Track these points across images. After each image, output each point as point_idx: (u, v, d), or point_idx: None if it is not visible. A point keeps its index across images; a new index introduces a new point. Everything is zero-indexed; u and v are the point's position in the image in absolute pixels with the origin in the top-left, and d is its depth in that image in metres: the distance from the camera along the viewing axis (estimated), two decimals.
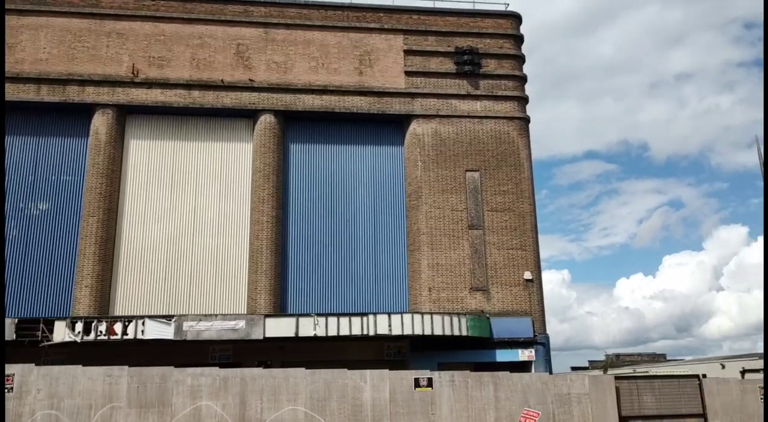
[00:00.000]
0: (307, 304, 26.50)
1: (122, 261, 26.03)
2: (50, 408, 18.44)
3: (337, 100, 28.20)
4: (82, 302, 24.57)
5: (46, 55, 26.92)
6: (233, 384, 19.39)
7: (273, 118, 27.67)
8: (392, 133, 29.07)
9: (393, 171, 28.72)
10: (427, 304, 26.17)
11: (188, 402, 19.03)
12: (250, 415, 19.11)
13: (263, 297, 25.68)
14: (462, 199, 27.75)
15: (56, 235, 25.90)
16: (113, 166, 26.50)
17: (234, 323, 22.89)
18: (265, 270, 26.02)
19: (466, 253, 27.12)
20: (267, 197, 26.85)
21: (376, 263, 27.58)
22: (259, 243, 26.35)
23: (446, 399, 20.01)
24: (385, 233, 28.01)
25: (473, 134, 28.56)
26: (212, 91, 27.51)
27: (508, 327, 26.14)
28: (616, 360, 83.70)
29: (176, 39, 27.93)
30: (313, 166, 28.31)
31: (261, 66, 28.12)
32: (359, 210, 28.04)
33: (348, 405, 19.55)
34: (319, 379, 19.79)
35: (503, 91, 29.28)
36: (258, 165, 27.25)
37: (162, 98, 27.17)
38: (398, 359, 25.21)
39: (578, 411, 20.29)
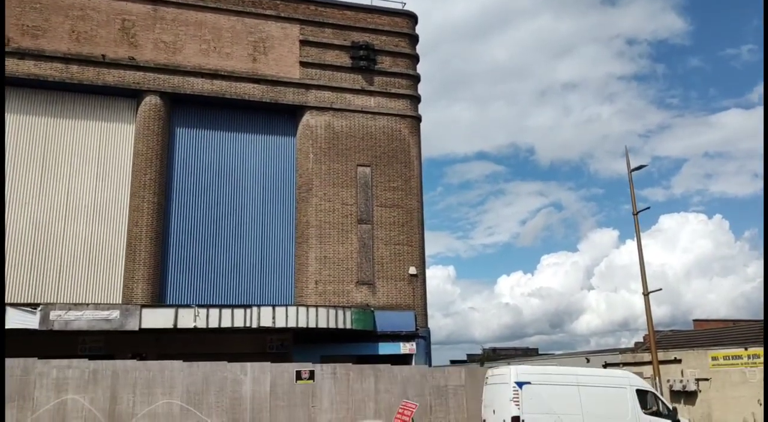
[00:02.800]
0: (188, 295, 25.65)
1: None
2: None
3: (228, 85, 27.43)
4: None
5: None
6: (104, 377, 18.48)
7: (159, 99, 26.47)
8: (285, 124, 28.71)
9: (284, 162, 28.38)
10: (313, 297, 26.14)
11: (52, 395, 17.92)
12: (121, 409, 18.29)
13: (140, 287, 24.56)
14: (352, 193, 27.93)
15: None
16: None
17: (107, 313, 21.75)
18: (144, 259, 24.89)
19: (354, 247, 27.34)
20: (148, 182, 25.67)
21: (263, 254, 27.17)
22: (138, 231, 25.16)
23: (327, 392, 20.14)
24: (274, 224, 27.65)
25: (366, 129, 28.81)
26: (93, 67, 25.88)
27: (391, 321, 26.65)
28: (493, 354, 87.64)
29: (54, 8, 25.99)
30: (200, 153, 27.38)
31: (148, 44, 26.80)
32: (247, 200, 27.48)
33: (227, 398, 19.20)
34: (197, 372, 19.29)
35: (397, 89, 29.74)
36: (140, 148, 25.97)
37: (36, 70, 25.22)
38: (281, 352, 24.99)
39: (454, 403, 21.11)
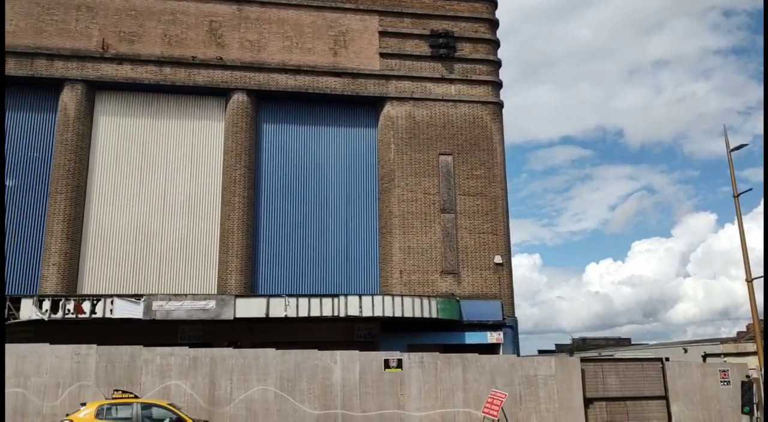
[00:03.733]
0: (278, 285, 26.49)
1: (90, 239, 25.67)
2: (17, 386, 18.26)
3: (310, 80, 27.99)
4: (50, 280, 24.21)
5: (13, 27, 26.17)
6: (203, 364, 19.41)
7: (245, 97, 27.38)
8: (366, 115, 29.00)
9: (366, 153, 28.70)
10: (398, 287, 26.37)
11: (157, 381, 19.01)
12: (220, 395, 19.16)
13: (234, 278, 25.59)
14: (435, 182, 27.89)
15: (23, 212, 25.41)
16: (82, 143, 26.02)
17: (204, 303, 22.82)
18: (236, 251, 25.91)
19: (437, 237, 27.33)
20: (238, 177, 26.65)
21: (347, 245, 27.64)
22: (230, 224, 26.20)
23: (415, 380, 20.29)
24: (358, 215, 28.05)
25: (447, 118, 28.65)
26: (184, 68, 27.09)
27: (477, 310, 26.50)
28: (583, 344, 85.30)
29: (147, 14, 27.37)
30: (285, 147, 28.14)
31: (234, 44, 27.75)
32: (331, 191, 28.01)
33: (318, 385, 19.72)
34: (290, 359, 19.90)
35: (477, 76, 29.37)
36: (230, 145, 26.99)
37: (132, 74, 26.68)
38: (368, 340, 25.41)
39: (544, 393, 20.76)
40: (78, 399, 18.36)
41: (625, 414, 21.03)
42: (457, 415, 20.15)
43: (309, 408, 19.43)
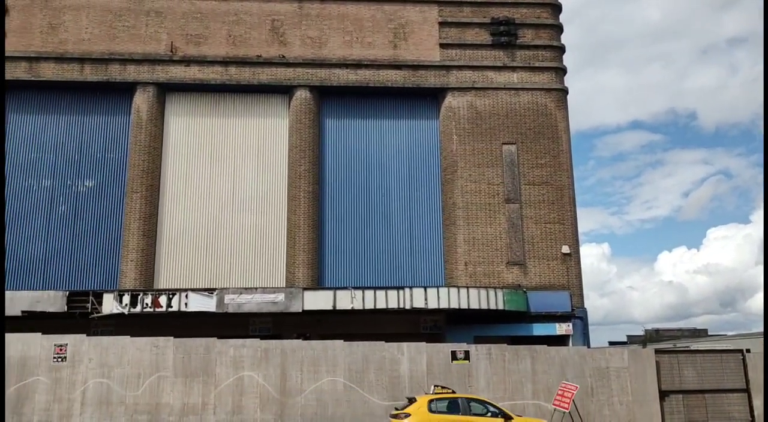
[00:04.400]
0: (343, 278, 26.86)
1: (165, 235, 26.73)
2: (101, 376, 19.25)
3: (371, 74, 28.14)
4: (129, 275, 25.39)
5: (88, 35, 27.47)
6: (274, 355, 19.91)
7: (308, 93, 27.80)
8: (427, 107, 28.92)
9: (428, 145, 28.64)
10: (464, 278, 26.26)
11: (231, 372, 19.63)
12: (291, 385, 19.62)
13: (301, 271, 26.11)
14: (498, 172, 27.57)
15: (102, 211, 26.71)
16: (154, 143, 27.08)
17: (273, 296, 23.39)
18: (303, 245, 26.41)
19: (502, 227, 27.04)
20: (303, 172, 27.12)
21: (411, 237, 27.71)
22: (296, 219, 26.72)
23: (483, 372, 20.19)
24: (421, 207, 28.06)
25: (510, 106, 28.24)
26: (248, 67, 27.74)
27: (545, 301, 26.09)
28: (656, 335, 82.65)
29: (212, 16, 28.15)
30: (348, 141, 28.43)
31: (296, 41, 28.19)
32: (394, 184, 28.12)
33: (386, 377, 19.90)
34: (357, 351, 20.16)
35: (540, 62, 28.79)
36: (294, 141, 27.50)
37: (200, 75, 27.53)
38: (434, 332, 25.45)
39: (617, 385, 20.27)
40: (157, 389, 19.20)
41: (703, 407, 20.27)
42: (526, 407, 19.93)
43: (378, 399, 19.65)
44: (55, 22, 27.45)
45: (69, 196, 26.70)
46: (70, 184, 26.81)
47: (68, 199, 26.66)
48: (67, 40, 27.32)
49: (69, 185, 26.79)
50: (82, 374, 19.25)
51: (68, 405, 19.01)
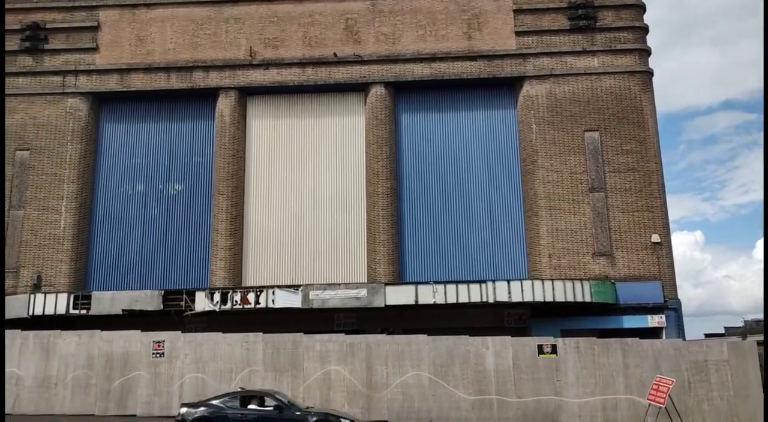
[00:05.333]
0: (424, 272, 26.84)
1: (251, 234, 27.60)
2: (196, 371, 20.15)
3: (446, 67, 27.93)
4: (218, 274, 26.40)
5: (173, 44, 28.70)
6: (359, 349, 20.19)
7: (383, 89, 27.92)
8: (504, 97, 28.42)
9: (506, 135, 28.14)
10: (548, 271, 25.67)
11: (318, 366, 20.08)
12: (377, 379, 19.84)
13: (382, 267, 26.30)
14: (581, 160, 26.74)
15: (192, 213, 27.89)
16: (238, 146, 27.99)
17: (356, 291, 23.69)
18: (383, 241, 26.58)
19: (587, 217, 26.22)
20: (381, 169, 27.28)
21: (492, 230, 27.34)
22: (375, 214, 26.93)
23: (572, 366, 19.70)
24: (501, 199, 27.63)
25: (591, 92, 27.31)
26: (324, 67, 28.17)
27: (635, 293, 25.11)
28: (756, 327, 77.84)
29: (288, 19, 28.75)
30: (424, 135, 28.36)
31: (370, 39, 28.37)
32: (473, 176, 27.81)
33: (471, 371, 19.77)
34: (441, 345, 20.14)
35: (622, 44, 27.67)
36: (371, 137, 27.70)
37: (278, 78, 28.20)
38: (519, 326, 25.04)
39: (716, 379, 19.28)
40: (248, 383, 19.87)
41: None
42: (619, 402, 19.29)
43: (463, 393, 19.55)
44: (143, 34, 28.85)
45: (161, 199, 28.04)
46: (162, 188, 28.14)
47: (160, 203, 28.00)
48: (154, 50, 28.65)
49: (160, 189, 28.13)
50: (179, 369, 20.22)
51: (167, 399, 20.01)
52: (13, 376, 20.39)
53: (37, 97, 28.26)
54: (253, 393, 17.28)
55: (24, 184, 27.49)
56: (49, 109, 28.16)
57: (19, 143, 27.87)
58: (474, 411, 19.44)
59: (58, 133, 27.90)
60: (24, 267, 26.61)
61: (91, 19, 28.96)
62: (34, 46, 28.62)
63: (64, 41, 28.83)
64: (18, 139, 27.90)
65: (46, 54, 28.73)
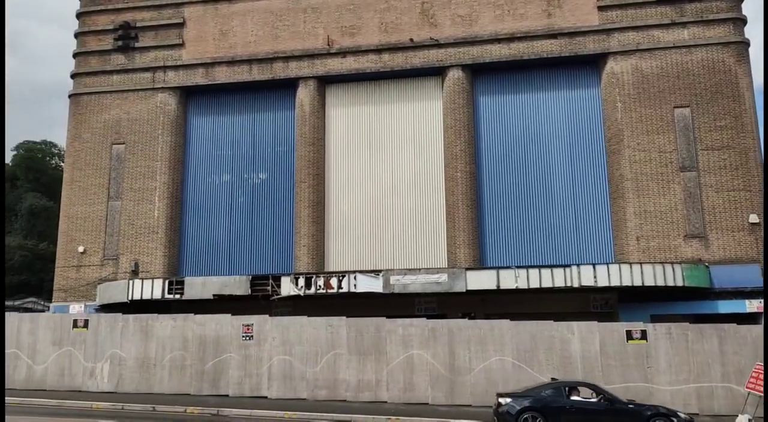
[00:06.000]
0: (505, 257, 26.51)
1: (332, 220, 28.11)
2: (284, 353, 20.83)
3: (525, 46, 27.27)
4: (302, 260, 27.10)
5: (254, 37, 29.48)
6: (441, 334, 20.26)
7: (461, 72, 27.61)
8: (587, 75, 27.46)
9: (589, 115, 27.22)
10: (636, 254, 24.75)
11: (401, 350, 20.30)
12: (459, 364, 19.86)
13: (462, 251, 26.17)
14: (670, 139, 25.52)
15: (275, 201, 28.71)
16: (318, 135, 28.49)
17: (437, 276, 23.71)
18: (463, 225, 26.42)
19: (678, 198, 25.05)
20: (459, 153, 27.06)
21: (576, 212, 26.61)
22: (454, 199, 26.78)
23: (663, 353, 19.02)
24: (585, 181, 26.81)
25: (681, 66, 25.95)
26: (401, 52, 28.13)
27: (731, 276, 23.82)
28: None
29: (364, 6, 28.87)
30: (503, 118, 27.87)
31: (446, 22, 28.07)
32: (555, 158, 27.12)
33: (556, 357, 19.44)
34: (524, 331, 19.90)
35: (715, 14, 26.08)
36: (449, 121, 27.49)
37: (356, 65, 28.43)
38: (606, 311, 24.34)
39: None
40: (334, 366, 20.35)
41: None
42: (715, 390, 18.48)
43: (548, 379, 19.26)
44: (225, 28, 29.78)
45: (246, 188, 29.02)
46: (247, 177, 29.11)
47: (246, 192, 28.98)
48: (236, 43, 29.53)
49: (245, 178, 29.10)
50: (267, 351, 20.96)
51: (257, 380, 20.82)
52: (116, 357, 21.79)
53: (129, 94, 29.80)
54: (571, 384, 16.35)
55: (120, 176, 29.13)
56: (141, 104, 29.64)
57: (115, 137, 29.53)
58: None
59: (149, 127, 29.35)
60: (123, 255, 28.28)
61: (177, 16, 30.18)
62: (126, 45, 30.16)
63: (152, 38, 30.20)
64: (114, 134, 29.57)
65: (137, 52, 30.20)
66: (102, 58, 30.46)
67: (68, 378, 21.83)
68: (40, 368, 22.02)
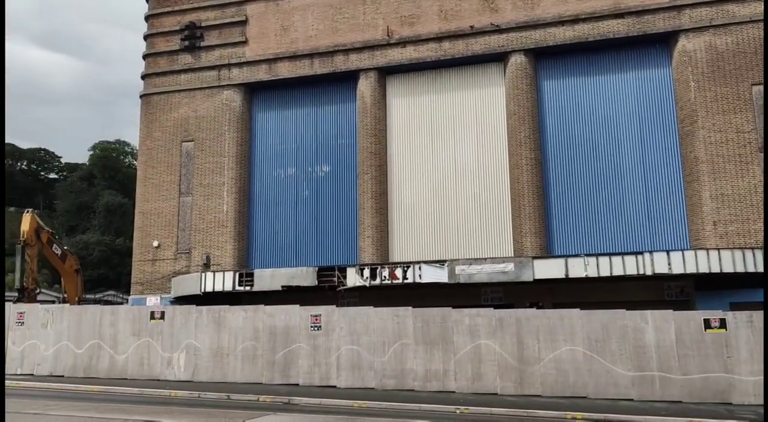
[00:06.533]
0: (574, 245, 25.93)
1: (395, 211, 28.18)
2: (352, 343, 21.05)
3: (590, 28, 26.45)
4: (366, 251, 27.30)
5: (314, 31, 29.78)
6: (508, 324, 19.99)
7: (523, 57, 27.05)
8: (656, 55, 26.41)
9: (660, 96, 26.19)
10: (713, 239, 23.71)
11: (468, 340, 20.16)
12: (528, 354, 19.56)
13: (528, 240, 25.74)
14: (748, 118, 24.26)
15: (339, 193, 29.02)
16: (379, 126, 28.56)
17: (503, 266, 23.40)
18: (529, 213, 25.97)
19: (757, 180, 23.82)
20: (524, 139, 26.57)
21: (647, 197, 25.71)
22: (519, 187, 26.34)
23: (744, 342, 18.17)
24: (656, 164, 25.85)
25: (758, 41, 24.58)
26: (461, 39, 27.81)
27: None
28: None
29: None
30: (568, 102, 27.15)
31: (507, 6, 27.53)
32: (624, 142, 26.26)
33: (629, 346, 18.88)
34: (595, 320, 19.39)
35: None
36: (512, 108, 27.02)
37: (416, 55, 28.29)
38: (681, 299, 23.46)
39: None
40: (401, 355, 20.43)
41: None
42: None
43: (622, 369, 18.74)
44: (286, 24, 30.20)
45: (310, 181, 29.45)
46: (311, 170, 29.52)
47: (310, 185, 29.41)
48: (297, 38, 29.90)
49: (310, 172, 29.52)
50: (335, 341, 21.24)
51: (326, 369, 21.13)
52: (191, 347, 22.58)
53: (197, 92, 30.69)
54: None
55: (190, 172, 30.08)
56: (207, 102, 30.48)
57: (184, 135, 30.49)
58: (634, 387, 18.58)
59: (216, 124, 30.15)
60: (195, 249, 29.25)
61: (239, 14, 30.81)
62: (192, 45, 31.04)
63: (217, 37, 30.96)
64: (183, 132, 30.54)
65: (203, 50, 31.04)
66: (170, 59, 31.46)
67: (147, 368, 22.77)
68: (121, 358, 23.06)
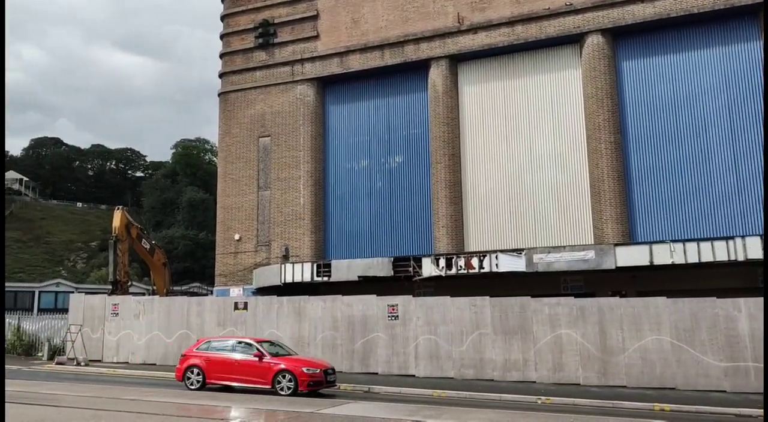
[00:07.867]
0: (658, 231, 24.92)
1: (470, 200, 27.94)
2: (429, 333, 21.11)
3: (671, 3, 25.22)
4: (441, 240, 27.23)
5: (384, 22, 29.83)
6: (590, 313, 19.48)
7: (600, 38, 26.13)
8: (745, 29, 24.90)
9: (749, 72, 24.72)
10: None
11: (548, 330, 19.80)
12: (612, 344, 19.01)
13: (610, 227, 24.95)
14: None
15: (412, 183, 29.03)
16: (452, 114, 28.34)
17: (583, 254, 22.81)
18: (609, 199, 25.15)
19: None
20: (602, 123, 25.70)
21: (737, 180, 24.35)
22: (599, 172, 25.53)
23: None
24: (746, 145, 24.42)
25: None
26: (534, 23, 27.15)
27: None
28: None
29: None
30: (650, 82, 26.03)
31: None
32: (710, 122, 24.94)
33: (720, 336, 18.03)
34: (683, 308, 18.62)
35: None
36: (589, 91, 26.17)
37: (487, 41, 27.86)
38: None
39: None
40: (479, 345, 20.31)
41: None
42: None
43: (713, 359, 17.92)
44: (356, 16, 30.39)
45: (384, 172, 29.60)
46: (384, 161, 29.67)
47: (383, 176, 29.57)
48: (368, 30, 30.04)
49: (382, 163, 29.68)
50: (412, 331, 21.35)
51: (404, 359, 21.29)
52: (274, 336, 23.24)
53: (272, 88, 31.42)
54: None
55: (268, 167, 30.88)
56: (282, 97, 31.14)
57: (261, 131, 31.30)
58: (726, 379, 17.73)
59: (291, 119, 30.78)
60: (274, 241, 30.05)
61: (310, 9, 31.26)
62: (266, 42, 31.77)
63: (289, 33, 31.55)
64: (260, 127, 31.36)
65: (276, 47, 31.71)
66: (245, 56, 32.33)
67: None
68: None
